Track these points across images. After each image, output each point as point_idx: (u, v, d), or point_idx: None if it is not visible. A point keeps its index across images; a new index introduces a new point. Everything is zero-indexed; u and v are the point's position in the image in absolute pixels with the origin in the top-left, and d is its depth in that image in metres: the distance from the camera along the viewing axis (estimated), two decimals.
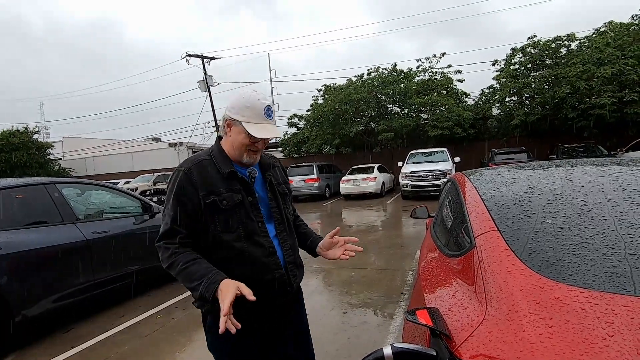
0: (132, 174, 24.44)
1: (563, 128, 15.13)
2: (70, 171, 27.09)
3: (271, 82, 24.76)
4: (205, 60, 20.12)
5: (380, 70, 18.59)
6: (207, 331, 1.33)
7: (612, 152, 12.11)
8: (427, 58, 18.03)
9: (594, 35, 14.61)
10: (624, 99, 13.04)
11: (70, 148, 31.93)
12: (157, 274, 4.31)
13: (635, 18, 14.11)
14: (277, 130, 1.31)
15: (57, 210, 3.40)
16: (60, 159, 29.45)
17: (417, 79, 17.94)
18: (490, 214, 1.21)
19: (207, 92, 20.15)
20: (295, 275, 1.38)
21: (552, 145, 14.29)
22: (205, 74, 20.00)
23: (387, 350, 0.84)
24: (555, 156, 12.48)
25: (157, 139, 36.74)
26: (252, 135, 1.24)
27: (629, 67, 12.69)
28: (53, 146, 26.62)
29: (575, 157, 11.43)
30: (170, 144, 29.47)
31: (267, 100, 1.30)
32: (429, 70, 18.06)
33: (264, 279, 1.27)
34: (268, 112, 1.28)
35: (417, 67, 18.25)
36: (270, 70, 25.28)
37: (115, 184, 14.51)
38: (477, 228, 1.18)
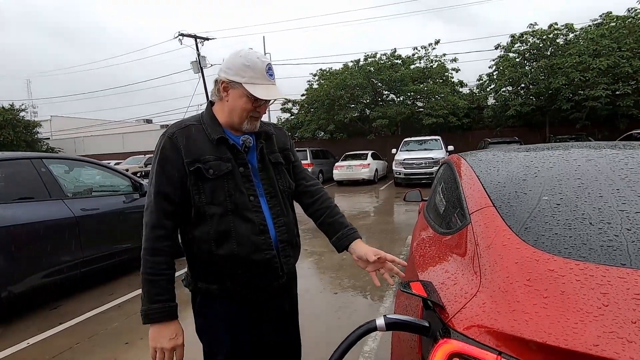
0: (123, 155, 24.14)
1: (556, 119, 15.25)
2: (59, 151, 26.63)
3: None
4: (198, 40, 19.66)
5: (377, 56, 18.40)
6: (197, 313, 1.24)
7: None
8: (423, 47, 17.87)
9: (590, 27, 14.61)
10: (617, 92, 13.15)
11: (59, 127, 31.33)
12: None
13: (631, 11, 14.10)
14: (281, 91, 1.18)
15: (44, 186, 3.32)
16: (49, 138, 28.88)
17: (413, 66, 17.80)
18: (486, 191, 1.20)
19: (200, 74, 19.76)
20: (289, 256, 1.25)
21: (545, 136, 14.42)
22: (199, 54, 19.57)
23: (380, 321, 0.83)
24: None
25: (149, 121, 36.19)
26: (255, 98, 1.12)
27: (624, 60, 12.75)
28: (41, 125, 26.03)
29: None
30: (162, 126, 29.04)
31: (267, 59, 1.17)
32: (425, 58, 17.92)
33: (252, 259, 1.15)
34: (270, 71, 1.15)
35: (413, 55, 18.10)
36: (266, 54, 24.86)
37: None
38: (473, 205, 1.16)
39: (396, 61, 17.90)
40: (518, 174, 1.27)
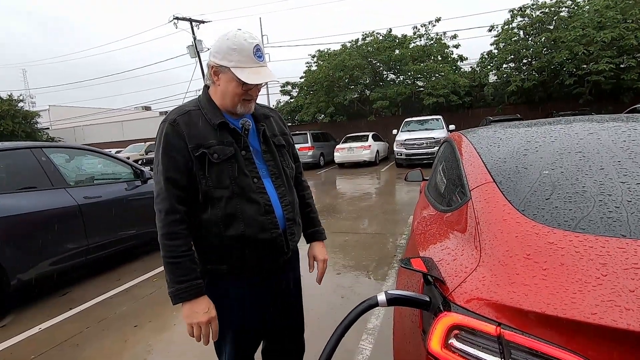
0: (123, 143, 24.10)
1: (559, 95, 15.03)
2: (59, 140, 26.59)
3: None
4: (194, 23, 19.26)
5: (375, 35, 18.00)
6: (205, 293, 1.28)
7: None
8: (423, 25, 17.45)
9: None
10: (621, 65, 12.89)
11: (57, 117, 31.19)
12: (152, 239, 4.33)
13: None
14: (271, 73, 1.17)
15: (45, 175, 3.33)
16: (48, 128, 28.79)
17: (412, 45, 17.44)
18: (486, 167, 1.19)
19: (197, 58, 19.45)
20: (294, 234, 1.29)
21: (547, 113, 14.24)
22: (195, 38, 19.21)
23: (382, 297, 0.85)
24: None
25: (148, 108, 35.93)
26: (244, 83, 1.12)
27: (629, 32, 12.44)
28: (40, 115, 25.89)
29: None
30: (161, 113, 28.86)
31: (255, 39, 1.15)
32: (425, 36, 17.53)
33: (260, 239, 1.19)
34: (258, 52, 1.14)
35: (414, 33, 17.70)
36: (263, 36, 24.36)
37: None
38: (473, 181, 1.16)
39: (392, 40, 17.49)
40: (519, 150, 1.26)
